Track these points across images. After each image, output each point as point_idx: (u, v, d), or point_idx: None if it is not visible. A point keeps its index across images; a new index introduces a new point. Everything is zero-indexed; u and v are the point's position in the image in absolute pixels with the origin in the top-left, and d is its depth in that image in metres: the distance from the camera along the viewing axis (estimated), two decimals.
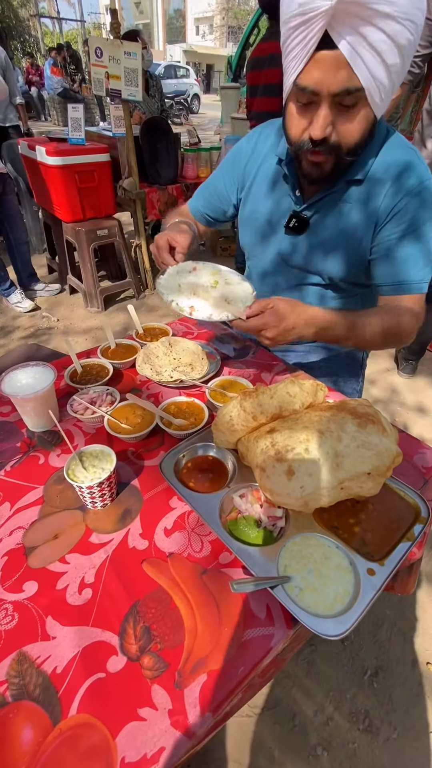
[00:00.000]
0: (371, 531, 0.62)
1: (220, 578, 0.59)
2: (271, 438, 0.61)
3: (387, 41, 0.63)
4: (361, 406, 0.64)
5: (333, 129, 0.74)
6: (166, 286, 0.90)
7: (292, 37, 0.69)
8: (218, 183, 1.09)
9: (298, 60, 0.70)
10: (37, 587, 0.58)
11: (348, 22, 0.62)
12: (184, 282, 0.90)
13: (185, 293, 0.89)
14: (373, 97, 0.70)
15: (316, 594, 0.54)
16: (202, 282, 0.91)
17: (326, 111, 0.71)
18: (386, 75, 0.67)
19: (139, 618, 0.55)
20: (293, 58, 0.71)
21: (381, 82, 0.68)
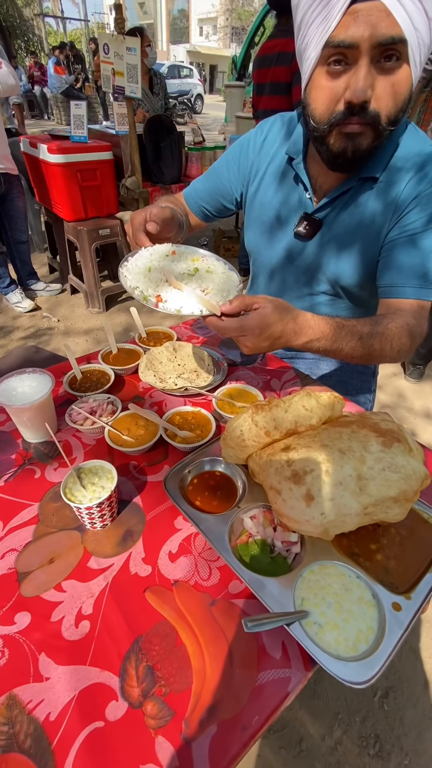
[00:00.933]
0: (395, 558, 0.57)
1: (231, 610, 0.54)
2: (287, 456, 0.56)
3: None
4: (384, 422, 0.59)
5: (372, 93, 0.65)
6: (131, 269, 0.73)
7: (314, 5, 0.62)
8: (221, 176, 1.01)
9: (327, 21, 0.62)
10: (30, 619, 0.53)
11: None
12: (155, 266, 0.74)
13: (154, 279, 0.71)
14: (414, 54, 0.63)
15: (337, 632, 0.49)
16: (179, 268, 0.75)
17: (367, 68, 0.63)
18: (427, 28, 0.61)
19: (141, 656, 0.50)
20: (321, 22, 0.63)
21: (422, 37, 0.62)
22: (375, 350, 0.75)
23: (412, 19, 0.60)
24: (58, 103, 10.11)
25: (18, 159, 2.87)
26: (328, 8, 0.62)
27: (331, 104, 0.69)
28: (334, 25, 0.62)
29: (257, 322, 0.64)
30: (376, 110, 0.66)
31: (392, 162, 0.79)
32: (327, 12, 0.62)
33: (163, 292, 0.69)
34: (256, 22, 5.26)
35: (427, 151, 0.77)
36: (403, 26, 0.60)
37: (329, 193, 0.85)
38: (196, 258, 0.78)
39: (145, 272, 0.72)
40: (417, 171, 0.77)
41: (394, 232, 0.82)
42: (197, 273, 0.74)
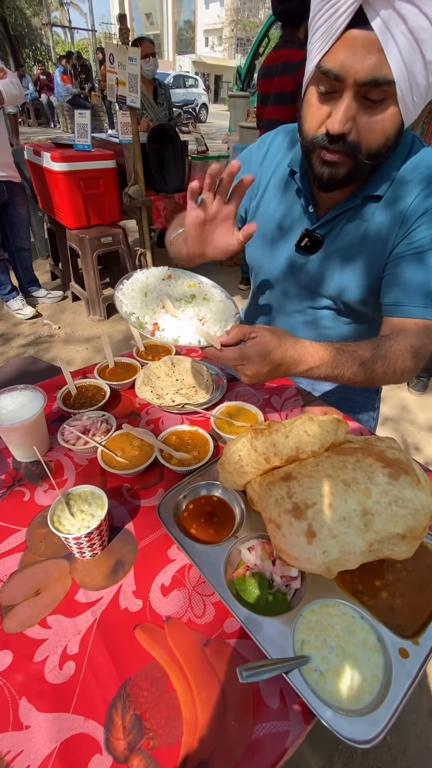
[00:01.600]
0: (401, 597, 0.54)
1: (225, 652, 0.51)
2: (287, 487, 0.53)
3: (429, 29, 0.54)
4: (390, 450, 0.56)
5: (354, 125, 0.64)
6: (127, 293, 0.71)
7: (321, 12, 0.60)
8: None
9: (324, 39, 0.61)
10: (11, 659, 0.50)
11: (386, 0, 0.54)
12: (151, 290, 0.72)
13: (151, 305, 0.69)
14: (404, 96, 0.61)
15: (338, 680, 0.46)
16: (175, 293, 0.73)
17: (349, 102, 0.62)
18: (423, 71, 0.58)
19: (129, 704, 0.46)
20: (320, 38, 0.62)
21: (415, 79, 0.59)
22: (377, 374, 0.72)
23: (404, 59, 0.57)
24: (64, 112, 10.23)
25: (22, 167, 2.88)
26: (328, 24, 0.59)
27: (314, 126, 0.69)
28: (329, 47, 0.61)
29: (257, 350, 0.63)
30: (357, 141, 0.66)
31: (398, 177, 0.77)
32: (327, 28, 0.60)
33: (160, 319, 0.67)
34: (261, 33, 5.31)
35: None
36: (392, 65, 0.57)
37: (333, 208, 0.83)
38: (192, 284, 0.77)
39: (141, 296, 0.71)
40: (426, 185, 0.75)
41: (400, 248, 0.79)
42: (194, 300, 0.73)
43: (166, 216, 2.86)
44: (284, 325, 1.04)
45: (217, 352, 0.65)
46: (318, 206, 0.85)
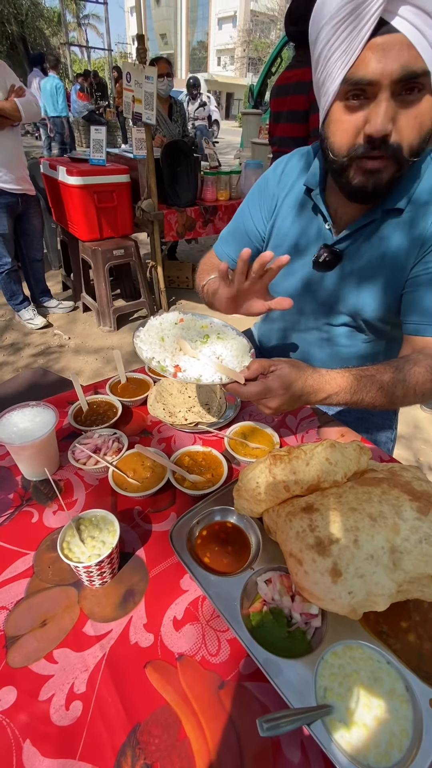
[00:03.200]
0: (430, 640, 0.50)
1: (242, 695, 0.48)
2: (309, 519, 0.50)
3: None
4: (417, 482, 0.53)
5: (393, 126, 0.62)
6: (145, 340, 0.73)
7: (337, 34, 0.60)
8: (247, 222, 0.98)
9: (347, 55, 0.60)
10: (15, 696, 0.47)
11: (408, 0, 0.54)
12: (168, 335, 0.75)
13: (169, 349, 0.72)
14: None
15: (365, 733, 0.42)
16: (190, 336, 0.76)
17: (387, 102, 0.60)
18: None
19: (138, 751, 0.43)
20: (339, 57, 0.61)
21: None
22: (397, 397, 0.71)
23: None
24: (79, 127, 10.49)
25: (37, 179, 2.93)
26: (348, 42, 0.59)
27: (351, 138, 0.67)
28: (354, 60, 0.60)
29: (280, 383, 0.64)
30: (398, 142, 0.64)
31: (417, 194, 0.76)
32: (346, 46, 0.60)
33: (181, 360, 0.69)
34: (274, 53, 5.42)
35: None
36: (425, 57, 0.57)
37: (351, 224, 0.81)
38: (204, 325, 0.80)
39: (158, 341, 0.73)
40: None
41: (418, 268, 0.78)
42: (208, 339, 0.75)
43: (177, 229, 2.88)
44: (299, 341, 1.02)
45: (240, 388, 0.66)
46: (336, 223, 0.84)
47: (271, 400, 0.66)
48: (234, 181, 3.06)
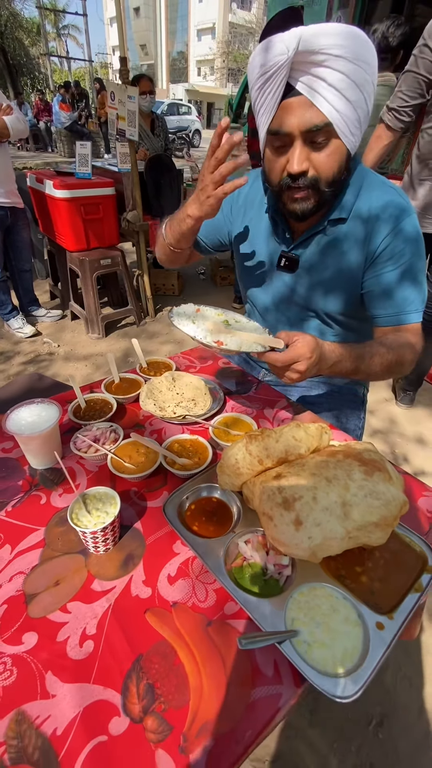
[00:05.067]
0: (378, 580, 0.62)
1: (226, 630, 0.58)
2: (278, 484, 0.61)
3: (345, 79, 0.70)
4: (367, 452, 0.65)
5: (309, 164, 0.79)
6: (181, 323, 0.86)
7: (260, 97, 0.76)
8: (218, 220, 1.11)
9: (267, 112, 0.77)
10: (36, 639, 0.57)
11: (305, 69, 0.70)
12: (196, 319, 0.89)
13: (200, 328, 0.85)
14: (342, 130, 0.75)
15: (324, 649, 0.53)
16: (215, 319, 0.90)
17: (300, 147, 0.77)
18: (350, 108, 0.74)
19: (142, 674, 0.53)
20: (263, 113, 0.78)
21: (346, 115, 0.74)
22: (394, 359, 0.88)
23: (332, 104, 0.72)
24: (61, 138, 10.57)
25: (23, 191, 3.02)
26: (267, 102, 0.76)
27: (278, 174, 0.83)
28: (272, 117, 0.76)
29: (307, 347, 0.75)
30: (315, 176, 0.80)
31: (359, 207, 0.90)
32: (267, 106, 0.76)
33: (220, 336, 0.82)
34: None
35: (399, 204, 0.88)
36: (326, 113, 0.73)
37: (304, 232, 0.96)
38: (219, 313, 0.94)
39: (191, 324, 0.86)
40: (393, 227, 0.88)
41: (371, 283, 0.94)
42: (228, 324, 0.89)
43: None
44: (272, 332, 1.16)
45: (275, 355, 0.76)
46: (293, 232, 0.99)
47: (300, 364, 0.75)
48: None
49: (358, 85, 0.72)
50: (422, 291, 0.93)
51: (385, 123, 1.82)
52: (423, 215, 1.84)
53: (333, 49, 0.68)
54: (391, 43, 2.03)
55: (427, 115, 1.75)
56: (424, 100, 1.72)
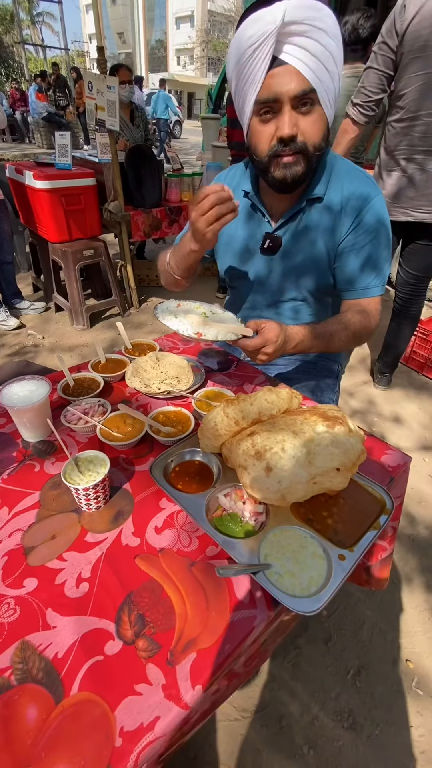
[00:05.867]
0: (342, 522, 0.69)
1: (208, 569, 0.65)
2: (252, 440, 0.68)
3: (324, 51, 0.78)
4: (331, 411, 0.72)
5: (297, 129, 0.85)
6: (164, 318, 0.97)
7: (246, 68, 0.82)
8: None
9: (254, 83, 0.82)
10: (36, 583, 0.63)
11: (290, 41, 0.77)
12: (177, 314, 0.98)
13: (184, 323, 0.95)
14: (323, 99, 0.83)
15: (293, 578, 0.61)
16: (194, 313, 0.99)
17: (290, 112, 0.83)
18: (330, 79, 0.82)
19: (133, 607, 0.60)
20: (250, 85, 0.83)
21: (327, 85, 0.82)
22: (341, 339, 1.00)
23: (316, 75, 0.79)
24: (39, 128, 10.34)
25: (2, 183, 3.00)
26: (254, 74, 0.81)
27: (268, 142, 0.88)
28: (260, 87, 0.82)
29: (274, 333, 0.87)
30: (303, 141, 0.86)
31: (332, 192, 0.98)
32: (253, 78, 0.82)
33: (199, 328, 0.93)
34: None
35: (364, 194, 0.97)
36: (310, 80, 0.80)
37: (284, 215, 1.02)
38: (197, 306, 1.03)
39: (173, 318, 0.96)
40: (355, 217, 0.97)
41: (337, 269, 1.04)
42: (206, 316, 0.99)
43: (144, 229, 3.02)
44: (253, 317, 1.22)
45: (246, 341, 0.88)
46: (272, 215, 1.05)
47: (268, 347, 0.86)
48: (197, 183, 3.23)
49: (335, 58, 0.81)
50: (382, 274, 1.03)
51: (350, 117, 1.88)
52: (392, 204, 1.92)
53: (315, 21, 0.76)
54: (362, 35, 2.09)
55: (391, 107, 1.83)
56: (386, 94, 1.79)
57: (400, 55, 1.66)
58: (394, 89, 1.77)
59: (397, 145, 1.83)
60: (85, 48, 34.69)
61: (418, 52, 1.61)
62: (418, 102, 1.70)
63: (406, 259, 2.11)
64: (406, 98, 1.72)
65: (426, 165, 1.79)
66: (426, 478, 1.96)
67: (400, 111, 1.77)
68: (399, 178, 1.88)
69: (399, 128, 1.80)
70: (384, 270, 1.02)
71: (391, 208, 1.92)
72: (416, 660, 1.30)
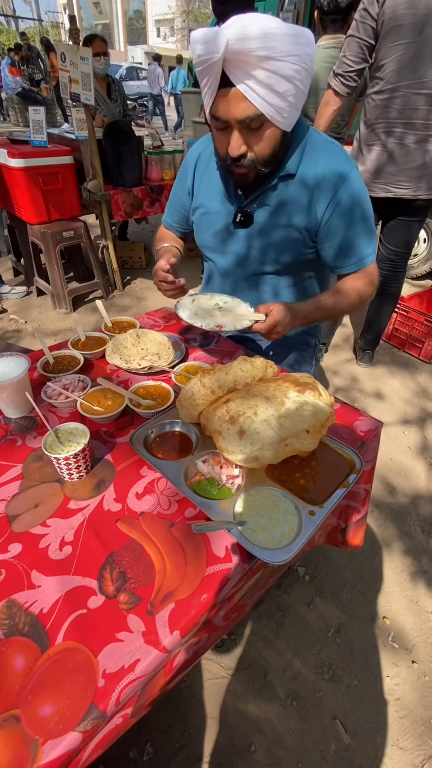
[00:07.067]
0: (313, 482, 0.73)
1: (187, 529, 0.68)
2: (227, 407, 0.71)
3: (273, 75, 0.77)
4: (302, 378, 0.75)
5: (248, 147, 0.88)
6: (187, 316, 1.03)
7: (201, 78, 0.83)
8: (179, 193, 1.21)
9: (208, 95, 0.84)
10: (21, 548, 0.65)
11: (238, 66, 0.77)
12: (198, 310, 1.05)
13: (206, 318, 1.02)
14: (274, 118, 0.84)
15: (266, 533, 0.64)
16: (207, 306, 1.07)
17: (237, 134, 0.86)
18: (281, 99, 0.81)
19: (115, 565, 0.63)
20: (205, 94, 0.85)
21: (278, 105, 0.82)
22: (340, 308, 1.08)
23: (263, 98, 0.79)
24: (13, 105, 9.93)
25: None
26: (207, 86, 0.82)
27: (223, 150, 0.92)
28: (212, 102, 0.84)
29: (281, 315, 0.93)
30: (253, 157, 0.89)
31: (305, 168, 0.99)
32: (206, 90, 0.84)
33: (218, 321, 0.99)
34: None
35: (339, 172, 0.98)
36: (257, 105, 0.81)
37: (256, 190, 1.03)
38: (210, 298, 1.10)
39: (194, 316, 1.03)
40: (332, 196, 0.99)
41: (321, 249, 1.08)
42: (219, 307, 1.07)
43: (125, 209, 2.97)
44: (231, 291, 1.23)
45: (261, 325, 0.94)
46: (244, 190, 1.06)
47: (279, 327, 0.94)
48: (178, 161, 3.17)
49: (288, 78, 0.79)
50: (371, 242, 1.06)
51: (332, 89, 1.86)
52: (372, 180, 1.92)
53: (259, 51, 0.74)
54: (341, 4, 2.05)
55: (371, 80, 1.81)
56: (368, 65, 1.77)
57: (380, 23, 1.64)
58: (374, 60, 1.75)
59: (377, 119, 1.82)
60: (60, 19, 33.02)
61: (398, 20, 1.59)
62: (397, 73, 1.69)
63: (387, 235, 2.13)
64: (386, 69, 1.71)
65: (405, 139, 1.79)
66: (406, 450, 2.03)
67: (380, 83, 1.75)
68: (379, 153, 1.87)
69: (378, 101, 1.79)
70: (372, 236, 1.05)
71: (371, 184, 1.92)
72: (392, 617, 1.38)
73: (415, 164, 1.82)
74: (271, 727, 1.13)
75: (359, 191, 1.01)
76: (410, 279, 3.55)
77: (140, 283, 3.48)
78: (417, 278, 3.55)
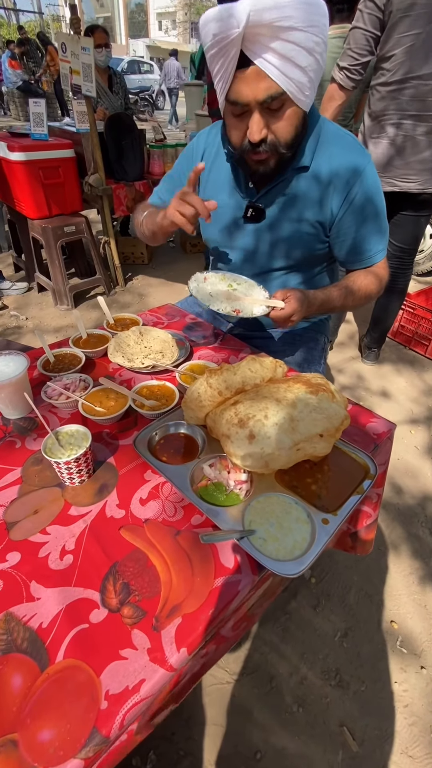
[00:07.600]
0: (326, 488, 0.70)
1: (193, 537, 0.65)
2: (235, 409, 0.67)
3: (295, 48, 0.73)
4: (314, 378, 0.71)
5: (268, 130, 0.83)
6: (202, 298, 0.99)
7: (214, 63, 0.78)
8: (182, 176, 1.14)
9: (224, 80, 0.79)
10: (20, 557, 0.62)
11: (257, 41, 0.72)
12: (213, 292, 1.01)
13: (222, 301, 0.98)
14: (296, 96, 0.79)
15: (277, 543, 0.61)
16: (222, 287, 1.02)
17: (258, 117, 0.81)
18: (303, 74, 0.77)
19: (118, 576, 0.60)
20: (220, 79, 0.80)
21: (299, 81, 0.77)
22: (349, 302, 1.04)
23: (285, 74, 0.74)
24: (14, 99, 9.84)
25: None
26: (222, 70, 0.78)
27: (240, 138, 0.87)
28: (228, 86, 0.79)
29: (299, 303, 0.90)
30: (274, 140, 0.84)
31: (319, 161, 0.95)
32: (222, 74, 0.79)
33: (236, 305, 0.96)
34: None
35: (353, 166, 0.94)
36: (279, 82, 0.75)
37: (268, 183, 0.98)
38: (223, 278, 1.05)
39: (208, 298, 0.99)
40: (346, 191, 0.95)
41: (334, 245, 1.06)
42: (233, 287, 1.02)
43: (127, 204, 2.92)
44: None
45: (278, 313, 0.91)
46: (256, 183, 1.01)
47: (295, 315, 0.91)
48: None
49: (309, 50, 0.74)
50: (383, 238, 1.03)
51: (336, 82, 1.80)
52: (378, 174, 1.87)
53: (282, 21, 0.69)
54: None
55: (376, 71, 1.75)
56: (374, 57, 1.71)
57: (387, 14, 1.59)
58: (380, 51, 1.69)
59: (384, 111, 1.77)
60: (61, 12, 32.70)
61: (407, 11, 1.54)
62: (407, 64, 1.63)
63: (392, 231, 2.08)
64: (394, 60, 1.65)
65: (415, 130, 1.73)
66: (413, 450, 1.99)
67: (387, 74, 1.70)
68: (387, 147, 1.82)
69: (385, 92, 1.73)
70: (384, 233, 1.02)
71: None
72: (401, 621, 1.35)
73: (422, 156, 1.77)
74: (277, 734, 1.11)
75: (374, 186, 0.98)
76: (416, 275, 3.50)
77: (142, 280, 3.44)
78: (423, 274, 3.50)
